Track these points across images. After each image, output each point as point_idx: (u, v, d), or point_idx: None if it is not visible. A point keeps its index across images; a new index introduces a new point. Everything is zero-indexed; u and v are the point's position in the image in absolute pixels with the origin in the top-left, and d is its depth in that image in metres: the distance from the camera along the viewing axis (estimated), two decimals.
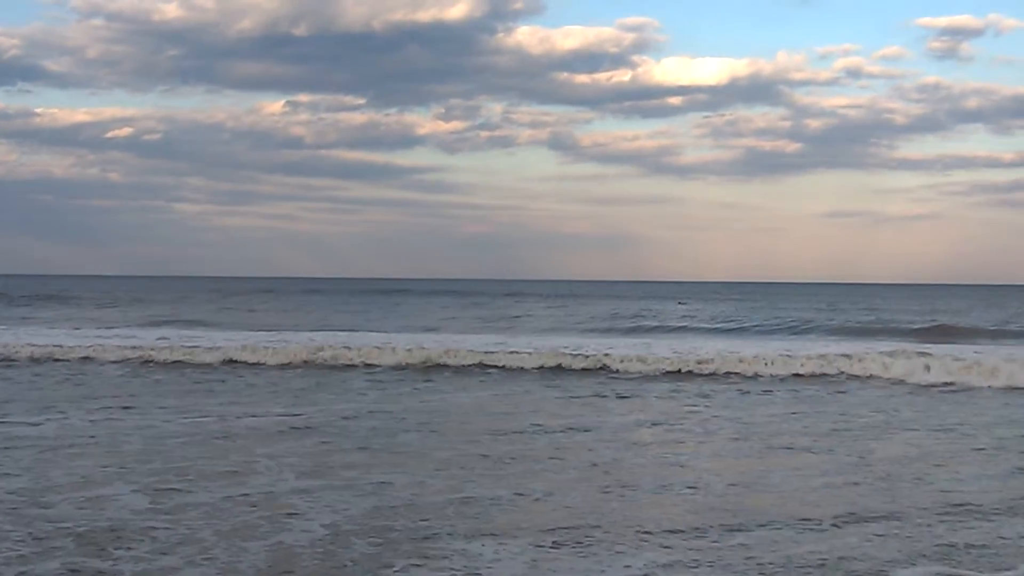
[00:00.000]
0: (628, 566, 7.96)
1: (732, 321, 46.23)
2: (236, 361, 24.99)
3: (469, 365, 24.36)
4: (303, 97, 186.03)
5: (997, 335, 38.33)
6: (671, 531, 9.01)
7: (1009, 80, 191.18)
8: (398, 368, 24.10)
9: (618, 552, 8.35)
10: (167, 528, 8.87)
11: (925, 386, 21.40)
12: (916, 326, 41.74)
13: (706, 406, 18.22)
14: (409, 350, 25.33)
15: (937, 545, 8.55)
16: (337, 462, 12.24)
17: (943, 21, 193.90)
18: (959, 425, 16.00)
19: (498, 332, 36.41)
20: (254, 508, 9.72)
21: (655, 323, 44.58)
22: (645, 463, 12.59)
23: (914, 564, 7.97)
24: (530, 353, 25.13)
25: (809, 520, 9.45)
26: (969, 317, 50.62)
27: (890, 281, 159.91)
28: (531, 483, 11.07)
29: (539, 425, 15.35)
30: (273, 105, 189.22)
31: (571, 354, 25.22)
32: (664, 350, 26.49)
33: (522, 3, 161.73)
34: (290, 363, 24.72)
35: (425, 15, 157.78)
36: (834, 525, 9.24)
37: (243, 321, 44.11)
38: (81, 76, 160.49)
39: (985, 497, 10.46)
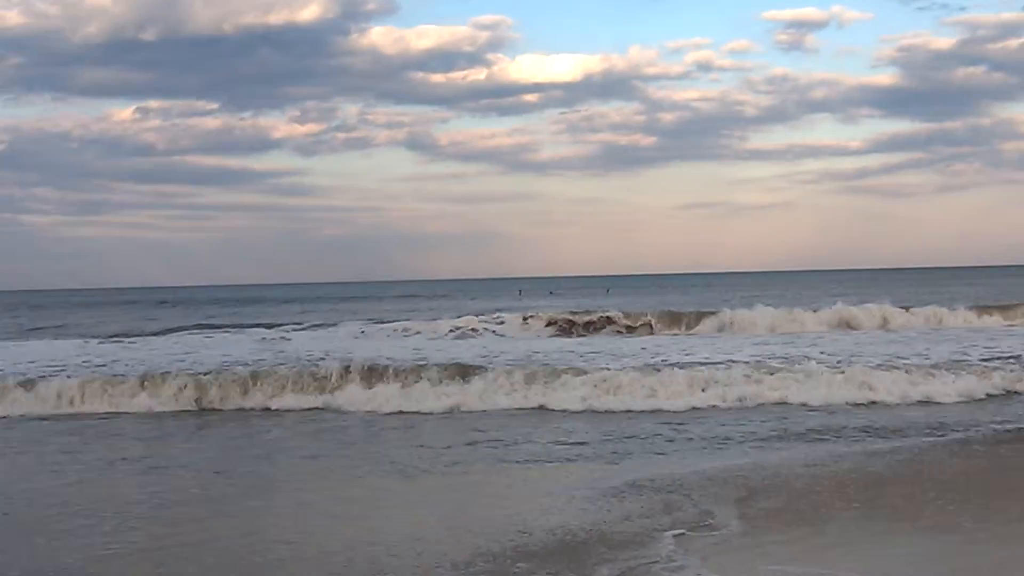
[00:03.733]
0: None
1: None
2: None
3: None
4: (154, 103, 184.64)
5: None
6: None
7: (853, 70, 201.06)
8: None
9: None
10: None
11: None
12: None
13: None
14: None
15: None
16: None
17: (788, 14, 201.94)
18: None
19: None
20: None
21: None
22: None
23: None
24: None
25: None
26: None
27: (745, 269, 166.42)
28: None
29: None
30: (123, 112, 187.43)
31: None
32: None
33: (375, 4, 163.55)
34: None
35: (276, 17, 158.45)
36: None
37: None
38: None
39: None
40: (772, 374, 19.56)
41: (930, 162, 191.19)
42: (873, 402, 17.85)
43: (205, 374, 21.17)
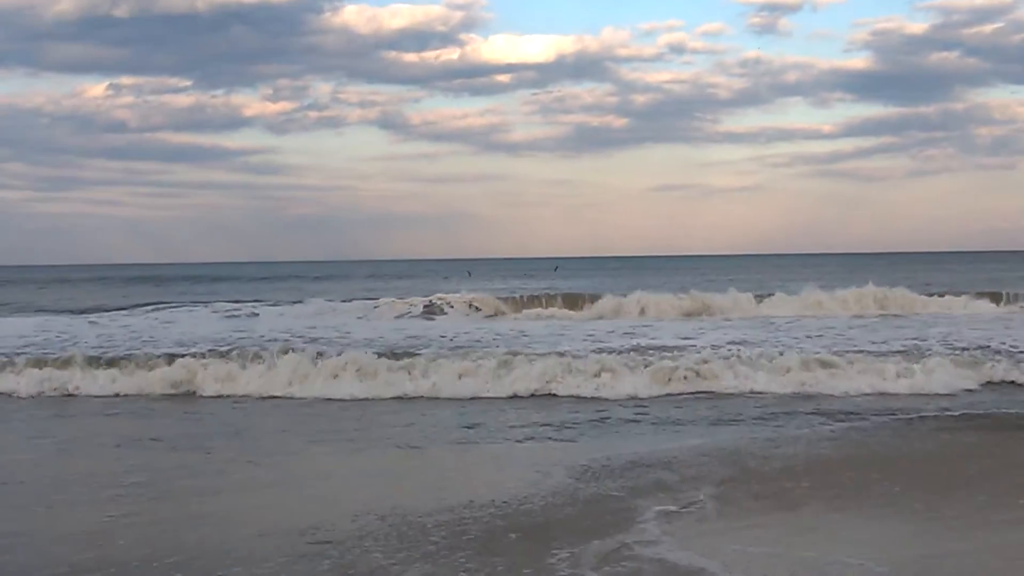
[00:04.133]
0: None
1: None
2: None
3: None
4: (126, 80, 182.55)
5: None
6: None
7: (825, 54, 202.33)
8: None
9: None
10: None
11: None
12: None
13: None
14: None
15: None
16: None
17: None
18: None
19: None
20: None
21: None
22: None
23: None
24: None
25: None
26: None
27: (717, 252, 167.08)
28: None
29: None
30: (95, 88, 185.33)
31: None
32: None
33: None
34: None
35: None
36: None
37: None
38: None
39: None
40: (727, 358, 19.64)
41: (903, 147, 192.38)
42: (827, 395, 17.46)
43: (158, 356, 21.13)
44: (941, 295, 36.98)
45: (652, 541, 8.45)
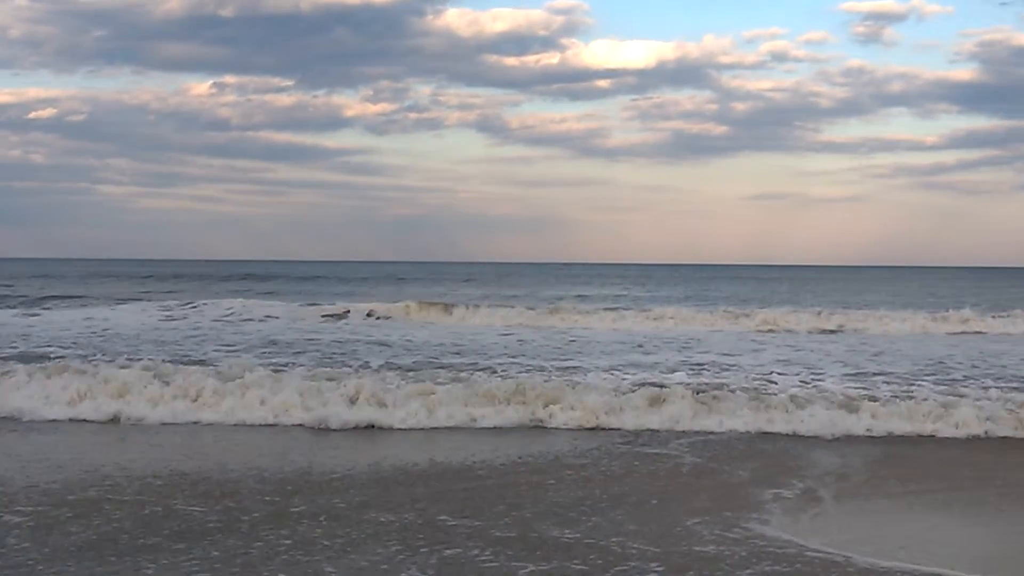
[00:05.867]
0: None
1: None
2: None
3: None
4: (230, 79, 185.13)
5: None
6: None
7: (931, 64, 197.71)
8: None
9: None
10: None
11: None
12: None
13: None
14: None
15: None
16: None
17: (867, 6, 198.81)
18: None
19: None
20: None
21: None
22: None
23: None
24: None
25: None
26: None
27: (814, 263, 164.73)
28: None
29: None
30: (199, 86, 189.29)
31: None
32: None
33: None
34: None
35: None
36: None
37: None
38: (3, 56, 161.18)
39: None
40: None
41: (1008, 160, 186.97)
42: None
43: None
44: None
45: (768, 521, 8.76)
